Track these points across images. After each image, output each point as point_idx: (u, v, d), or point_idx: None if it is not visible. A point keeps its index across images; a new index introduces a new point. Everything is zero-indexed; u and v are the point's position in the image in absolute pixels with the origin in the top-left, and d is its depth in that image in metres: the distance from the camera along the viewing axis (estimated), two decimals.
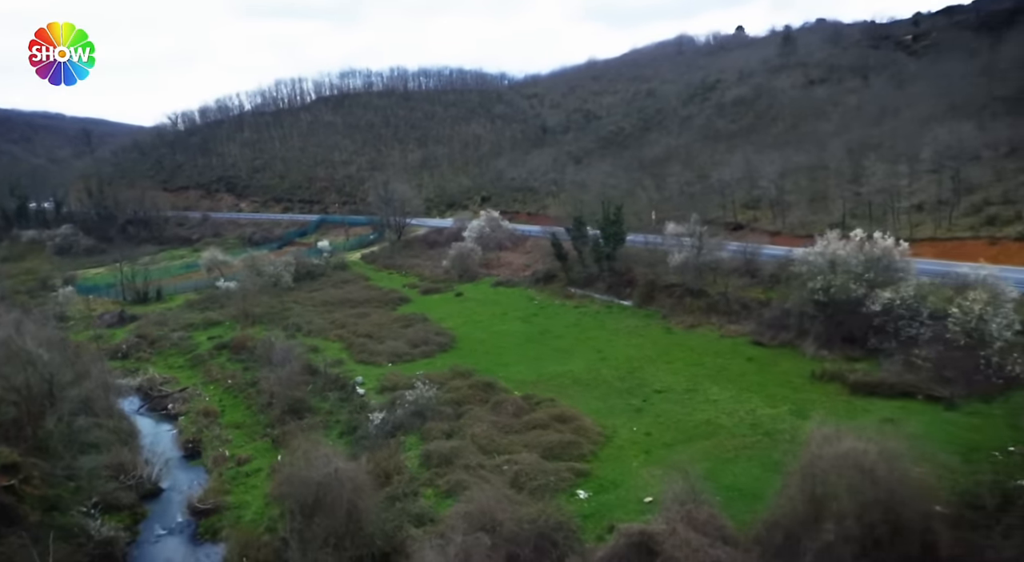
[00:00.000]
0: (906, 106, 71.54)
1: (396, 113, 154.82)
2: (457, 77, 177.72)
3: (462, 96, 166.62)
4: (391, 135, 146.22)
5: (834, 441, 19.55)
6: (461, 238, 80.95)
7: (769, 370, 37.52)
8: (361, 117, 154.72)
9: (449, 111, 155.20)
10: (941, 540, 17.96)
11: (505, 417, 32.97)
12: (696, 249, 49.17)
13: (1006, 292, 33.47)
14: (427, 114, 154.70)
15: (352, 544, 22.23)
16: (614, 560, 20.47)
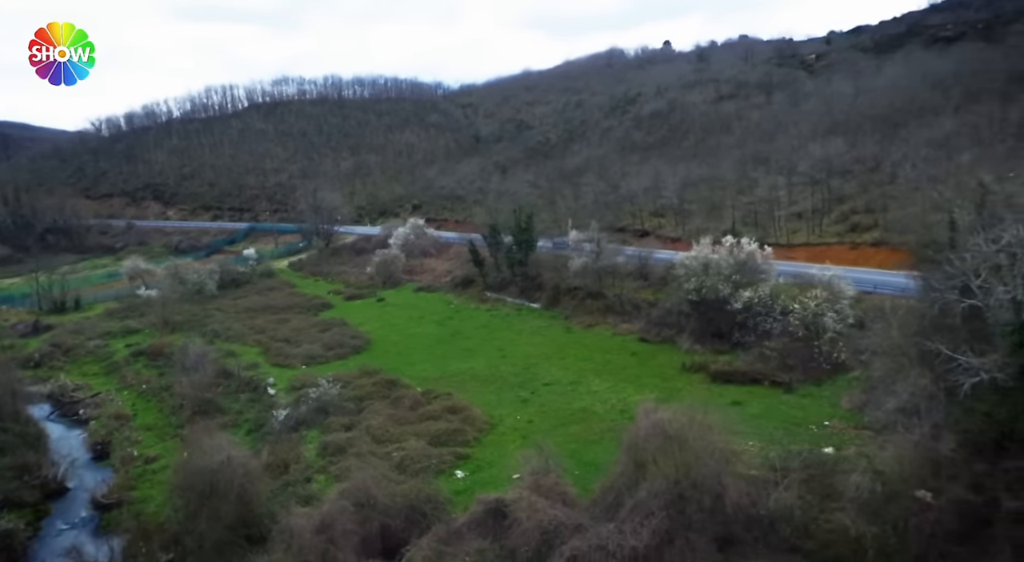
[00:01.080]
0: (796, 122, 77.95)
1: (329, 121, 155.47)
2: (392, 86, 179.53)
3: (396, 105, 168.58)
4: (324, 143, 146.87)
5: (651, 414, 23.21)
6: (388, 245, 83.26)
7: (648, 363, 41.53)
8: (294, 125, 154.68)
9: (383, 120, 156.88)
10: (728, 494, 21.66)
11: (403, 410, 35.73)
12: (595, 254, 53.00)
13: (845, 291, 38.38)
14: (361, 122, 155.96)
15: (242, 524, 24.53)
16: (473, 524, 23.52)
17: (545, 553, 21.30)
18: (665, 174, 73.83)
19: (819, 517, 22.40)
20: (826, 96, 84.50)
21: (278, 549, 21.02)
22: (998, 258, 21.03)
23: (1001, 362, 20.92)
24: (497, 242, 63.95)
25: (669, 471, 22.25)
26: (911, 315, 26.41)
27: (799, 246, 56.54)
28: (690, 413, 23.36)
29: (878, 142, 60.95)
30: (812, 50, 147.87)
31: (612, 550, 20.72)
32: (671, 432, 22.31)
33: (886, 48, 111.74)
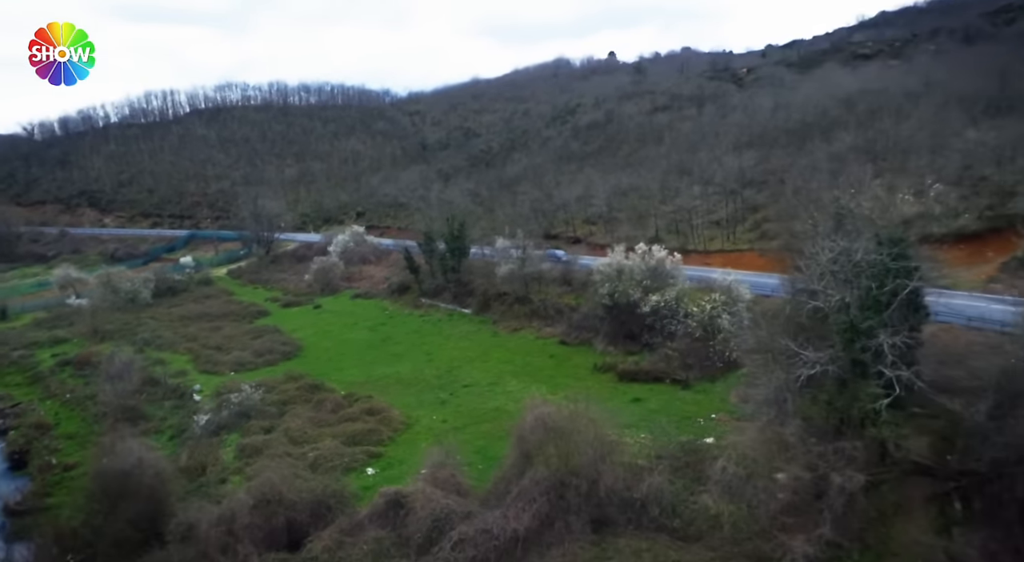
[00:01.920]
0: (720, 135, 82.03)
1: (274, 128, 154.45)
2: (339, 93, 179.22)
3: (343, 112, 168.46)
4: (268, 150, 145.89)
5: (535, 409, 25.32)
6: (328, 253, 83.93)
7: (564, 365, 43.80)
8: (237, 131, 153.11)
9: (329, 127, 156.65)
10: (603, 480, 23.86)
11: (323, 413, 37.07)
12: (521, 261, 55.15)
13: (742, 294, 41.35)
14: (306, 129, 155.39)
15: (151, 523, 25.55)
16: (374, 515, 25.15)
17: (436, 538, 23.10)
18: (597, 183, 76.69)
19: (687, 499, 24.86)
20: (750, 109, 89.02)
21: (174, 542, 22.16)
22: (833, 266, 23.86)
23: (835, 356, 23.73)
24: (431, 249, 65.52)
25: (552, 461, 24.37)
26: (777, 316, 29.23)
27: (715, 253, 59.86)
28: (572, 408, 25.58)
29: (790, 155, 64.92)
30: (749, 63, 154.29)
31: (496, 533, 22.67)
32: (551, 425, 24.46)
33: (810, 64, 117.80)
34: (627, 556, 22.04)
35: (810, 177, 52.02)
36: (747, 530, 22.41)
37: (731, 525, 22.92)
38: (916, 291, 23.56)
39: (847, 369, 23.73)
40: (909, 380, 21.75)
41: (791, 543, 20.84)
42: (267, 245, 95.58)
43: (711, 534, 22.85)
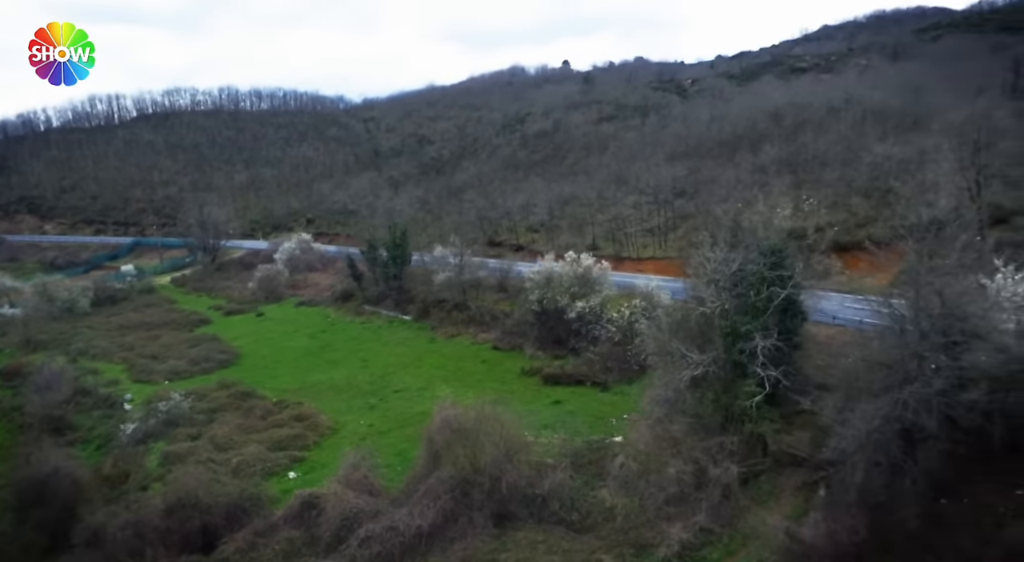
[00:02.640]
0: (659, 145, 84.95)
1: (223, 133, 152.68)
2: (291, 98, 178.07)
3: (295, 118, 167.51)
4: (217, 156, 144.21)
5: (443, 411, 26.68)
6: (274, 260, 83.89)
7: (495, 369, 45.26)
8: (185, 137, 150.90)
9: (280, 133, 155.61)
10: (506, 478, 25.29)
11: (252, 420, 37.71)
12: (458, 268, 56.49)
13: (662, 299, 43.41)
14: (257, 135, 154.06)
15: (62, 530, 25.98)
16: (288, 517, 26.15)
17: (344, 536, 24.22)
18: (540, 192, 78.62)
19: (587, 493, 26.53)
20: (689, 121, 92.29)
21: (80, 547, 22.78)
22: (715, 275, 25.89)
23: (718, 358, 25.72)
24: (374, 257, 66.34)
25: (459, 460, 25.74)
26: (678, 321, 31.23)
27: (648, 260, 62.13)
28: (479, 410, 27.00)
29: (720, 165, 67.87)
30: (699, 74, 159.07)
31: (402, 530, 23.92)
32: (457, 427, 25.84)
33: (750, 76, 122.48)
34: (524, 548, 23.49)
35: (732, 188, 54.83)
36: (636, 520, 24.13)
37: (623, 516, 24.64)
38: (792, 297, 25.75)
39: (728, 370, 25.75)
40: (776, 379, 23.79)
41: (670, 531, 22.63)
42: (213, 253, 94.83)
43: (604, 525, 24.52)
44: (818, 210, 43.50)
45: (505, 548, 23.60)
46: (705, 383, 26.73)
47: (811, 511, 22.30)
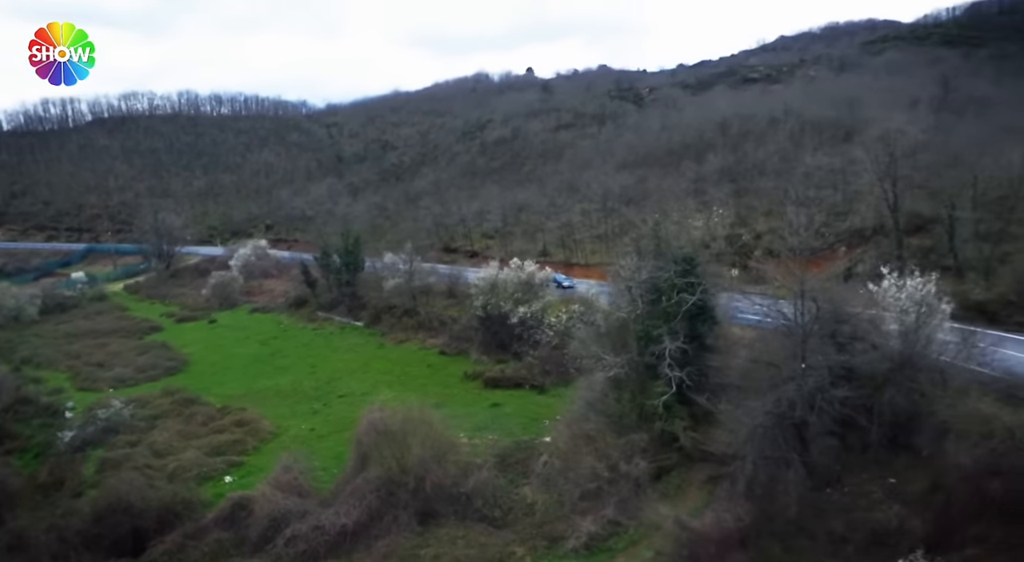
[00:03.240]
0: (612, 153, 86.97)
1: (181, 139, 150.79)
2: (253, 103, 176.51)
3: (256, 123, 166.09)
4: (175, 161, 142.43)
5: (371, 415, 27.69)
6: (229, 267, 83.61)
7: (439, 373, 46.28)
8: (142, 142, 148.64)
9: (240, 138, 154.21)
10: (430, 477, 26.38)
11: (194, 426, 38.13)
12: (408, 275, 57.40)
13: (601, 304, 44.93)
14: (216, 140, 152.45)
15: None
16: (219, 519, 26.84)
17: (271, 536, 25.03)
18: (494, 199, 79.90)
19: (511, 491, 27.79)
20: (641, 129, 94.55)
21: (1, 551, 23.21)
22: (629, 282, 27.42)
23: (632, 360, 27.22)
24: (328, 264, 66.80)
25: (386, 461, 26.81)
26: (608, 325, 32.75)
27: (596, 265, 63.71)
28: (405, 413, 28.08)
29: (668, 174, 69.95)
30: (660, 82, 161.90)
31: (327, 529, 24.88)
32: (384, 429, 26.89)
33: (704, 86, 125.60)
34: (444, 543, 24.61)
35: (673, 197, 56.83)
36: (552, 515, 25.50)
37: (542, 512, 25.99)
38: (702, 302, 27.37)
39: (641, 371, 27.26)
40: (680, 379, 25.35)
41: (581, 524, 23.99)
42: (167, 259, 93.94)
43: (523, 520, 25.81)
44: (724, 221, 45.50)
45: (427, 544, 24.70)
46: (622, 384, 28.23)
47: (712, 502, 23.92)
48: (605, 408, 28.36)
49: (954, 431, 19.85)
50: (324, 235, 73.15)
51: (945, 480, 19.30)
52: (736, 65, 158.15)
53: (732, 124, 78.26)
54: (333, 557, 24.26)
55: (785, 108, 75.39)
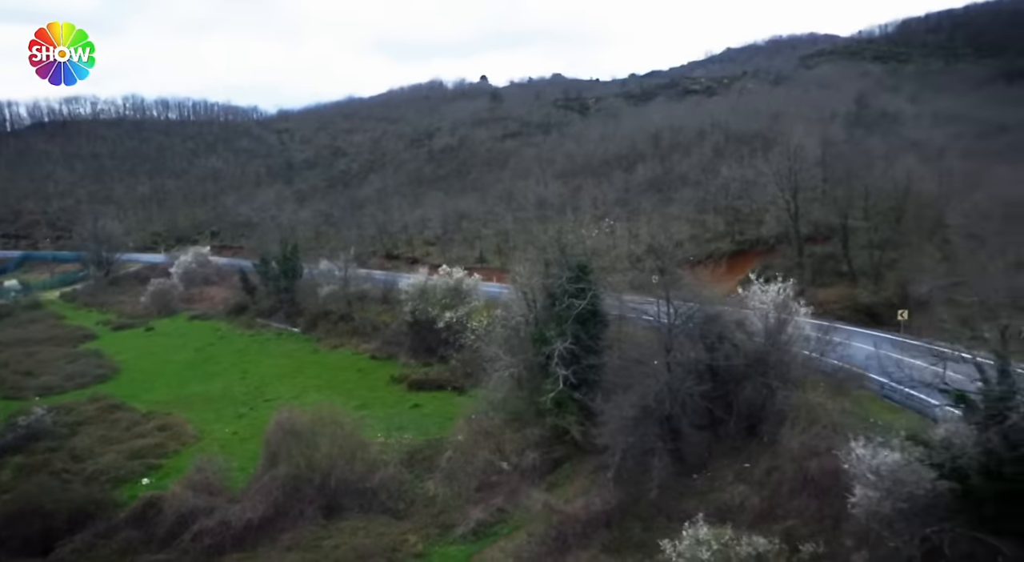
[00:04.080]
0: (552, 162, 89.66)
1: (125, 144, 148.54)
2: (201, 108, 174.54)
3: (204, 128, 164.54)
4: (118, 167, 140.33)
5: (280, 415, 29.11)
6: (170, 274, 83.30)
7: (368, 377, 47.71)
8: (84, 147, 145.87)
9: (187, 144, 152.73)
10: (335, 474, 27.90)
11: (117, 431, 38.75)
12: (343, 281, 58.64)
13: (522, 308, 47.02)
14: (162, 146, 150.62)
15: None
16: (130, 518, 27.83)
17: (178, 532, 26.19)
18: (437, 206, 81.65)
19: (416, 485, 29.51)
20: (582, 139, 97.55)
21: None
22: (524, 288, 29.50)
23: (527, 360, 29.28)
24: (266, 271, 67.47)
25: (294, 459, 28.21)
26: None
27: None
28: (314, 413, 29.59)
29: (599, 184, 72.79)
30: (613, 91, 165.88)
31: (233, 523, 26.13)
32: (291, 429, 28.34)
33: (648, 96, 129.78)
34: (346, 534, 26.14)
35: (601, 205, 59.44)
36: (449, 505, 27.29)
37: (441, 503, 27.75)
38: (592, 306, 29.56)
39: (535, 370, 29.34)
40: (566, 377, 27.49)
41: (472, 512, 25.85)
42: (106, 266, 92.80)
43: (423, 511, 27.55)
44: (615, 231, 48.27)
45: (329, 535, 26.17)
46: (520, 383, 30.26)
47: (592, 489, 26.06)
48: (505, 406, 30.34)
49: (790, 419, 22.36)
50: (263, 242, 73.58)
51: (779, 462, 21.75)
52: (680, 76, 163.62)
53: (664, 136, 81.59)
54: (238, 550, 25.54)
55: (712, 121, 79.03)
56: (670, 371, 24.54)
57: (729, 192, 57.56)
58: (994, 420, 12.96)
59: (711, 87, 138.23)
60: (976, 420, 13.41)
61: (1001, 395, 13.28)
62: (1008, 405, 13.11)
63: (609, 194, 66.18)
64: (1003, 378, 13.79)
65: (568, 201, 70.14)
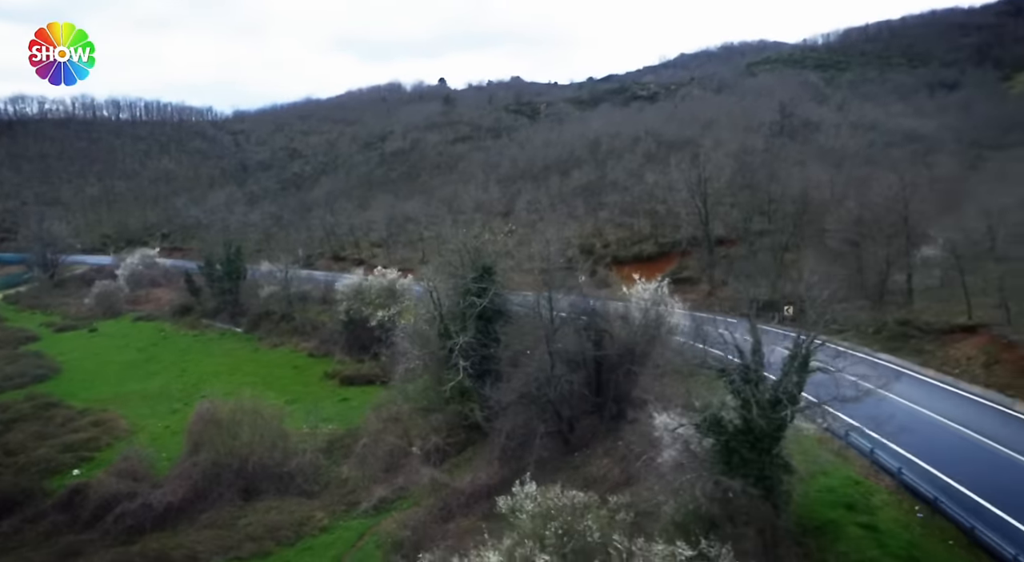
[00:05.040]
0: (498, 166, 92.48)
1: (75, 145, 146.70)
2: (154, 109, 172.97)
3: (157, 129, 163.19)
4: (66, 168, 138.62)
5: (202, 407, 31.35)
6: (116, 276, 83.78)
7: (303, 374, 49.90)
8: (31, 147, 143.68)
9: (139, 145, 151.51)
10: (252, 459, 30.25)
11: (51, 427, 40.32)
12: (284, 283, 60.56)
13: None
14: (112, 147, 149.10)
15: None
16: (58, 504, 29.76)
17: (102, 515, 28.23)
18: (383, 209, 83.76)
19: (331, 469, 32.02)
20: (527, 144, 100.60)
21: None
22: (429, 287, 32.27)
23: (433, 352, 32.04)
24: (211, 272, 68.82)
25: (216, 447, 30.46)
26: None
27: None
28: (237, 405, 31.88)
29: (537, 188, 75.91)
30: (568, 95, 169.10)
31: (155, 506, 28.30)
32: (212, 419, 30.61)
33: (596, 101, 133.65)
34: (260, 513, 28.55)
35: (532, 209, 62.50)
36: (358, 486, 29.87)
37: (352, 484, 30.33)
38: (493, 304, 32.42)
39: (441, 362, 32.12)
40: (465, 368, 30.33)
41: (376, 490, 28.49)
42: (52, 268, 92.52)
43: (334, 492, 30.10)
44: (512, 236, 51.57)
45: (245, 514, 28.56)
46: (428, 373, 33.03)
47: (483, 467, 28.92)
48: (412, 395, 33.07)
49: (650, 401, 25.52)
50: (208, 244, 74.81)
51: (635, 438, 24.89)
52: (632, 82, 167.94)
53: (603, 142, 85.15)
54: (158, 530, 27.71)
55: (647, 128, 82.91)
56: (552, 361, 27.51)
57: (652, 197, 61.12)
58: (747, 389, 16.18)
59: (658, 93, 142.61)
60: (735, 389, 16.63)
61: (748, 367, 16.62)
62: (756, 377, 16.37)
63: (544, 199, 69.24)
64: (754, 354, 17.06)
65: (507, 205, 73.10)
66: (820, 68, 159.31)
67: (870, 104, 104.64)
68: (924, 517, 18.00)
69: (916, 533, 17.02)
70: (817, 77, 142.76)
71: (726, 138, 75.98)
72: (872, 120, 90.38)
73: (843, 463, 21.81)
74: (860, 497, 18.80)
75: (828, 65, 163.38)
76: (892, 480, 20.13)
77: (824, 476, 20.35)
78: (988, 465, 20.38)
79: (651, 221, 63.07)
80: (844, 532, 16.80)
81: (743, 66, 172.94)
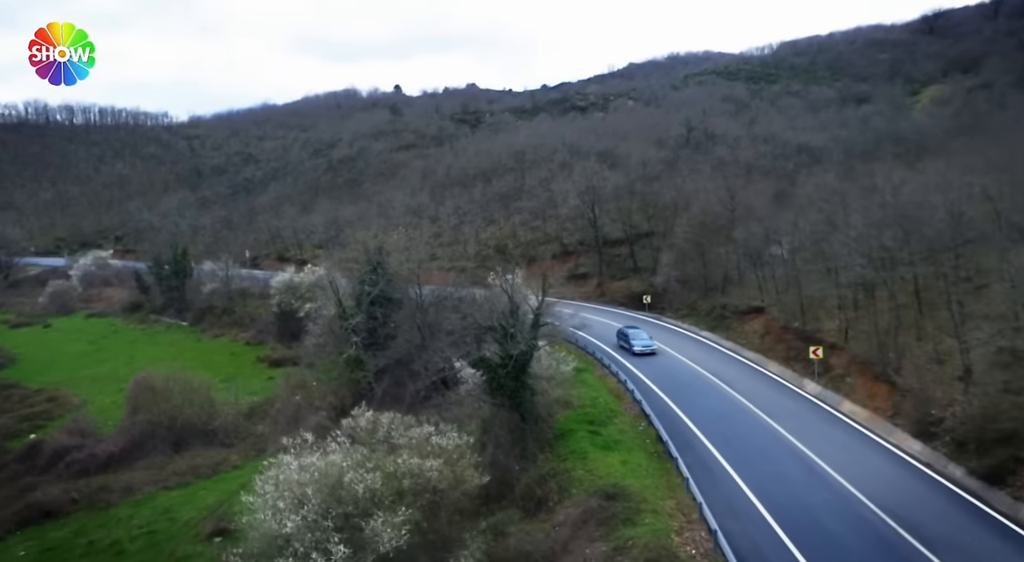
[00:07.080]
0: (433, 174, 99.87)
1: (27, 150, 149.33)
2: (108, 114, 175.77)
3: (111, 134, 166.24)
4: (19, 172, 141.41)
5: (138, 376, 38.17)
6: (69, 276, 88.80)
7: (238, 359, 56.68)
8: None
9: (93, 150, 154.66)
10: (182, 418, 37.15)
11: (10, 403, 46.48)
12: (225, 280, 67.05)
13: None
14: (66, 152, 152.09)
15: None
16: (18, 456, 36.25)
17: (55, 463, 34.85)
18: (324, 214, 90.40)
19: (250, 427, 39.11)
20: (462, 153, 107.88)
21: None
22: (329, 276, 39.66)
23: (334, 329, 39.39)
24: (159, 272, 74.76)
25: (152, 408, 37.27)
26: None
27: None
28: (170, 374, 38.72)
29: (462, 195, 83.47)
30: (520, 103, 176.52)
31: (99, 455, 35.03)
32: (147, 386, 37.42)
33: (535, 111, 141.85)
34: (186, 459, 35.48)
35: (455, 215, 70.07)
36: (268, 438, 36.97)
37: (264, 437, 37.38)
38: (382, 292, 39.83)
39: (340, 338, 39.49)
40: (357, 343, 37.74)
41: (280, 439, 35.61)
42: (5, 270, 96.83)
43: (248, 443, 37.17)
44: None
45: (173, 462, 35.43)
46: (330, 347, 40.38)
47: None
48: (319, 367, 40.38)
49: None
50: (157, 246, 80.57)
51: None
52: (574, 92, 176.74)
53: (527, 152, 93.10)
54: (101, 473, 34.42)
55: (566, 140, 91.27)
56: (421, 334, 35.13)
57: (555, 203, 69.30)
58: (505, 339, 24.17)
59: (594, 104, 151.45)
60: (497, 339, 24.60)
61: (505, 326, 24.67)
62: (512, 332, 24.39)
63: (467, 204, 76.94)
64: (511, 316, 25.07)
65: (435, 210, 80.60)
66: (751, 80, 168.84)
67: (782, 117, 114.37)
68: (643, 429, 26.12)
69: (627, 436, 25.07)
70: (744, 89, 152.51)
71: (635, 150, 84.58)
72: (771, 133, 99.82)
73: (615, 400, 29.91)
74: (606, 418, 26.82)
75: (759, 77, 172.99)
76: (638, 408, 28.28)
77: (592, 406, 28.37)
78: (701, 395, 28.79)
79: (556, 224, 71.21)
80: (575, 435, 24.78)
81: (682, 77, 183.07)
